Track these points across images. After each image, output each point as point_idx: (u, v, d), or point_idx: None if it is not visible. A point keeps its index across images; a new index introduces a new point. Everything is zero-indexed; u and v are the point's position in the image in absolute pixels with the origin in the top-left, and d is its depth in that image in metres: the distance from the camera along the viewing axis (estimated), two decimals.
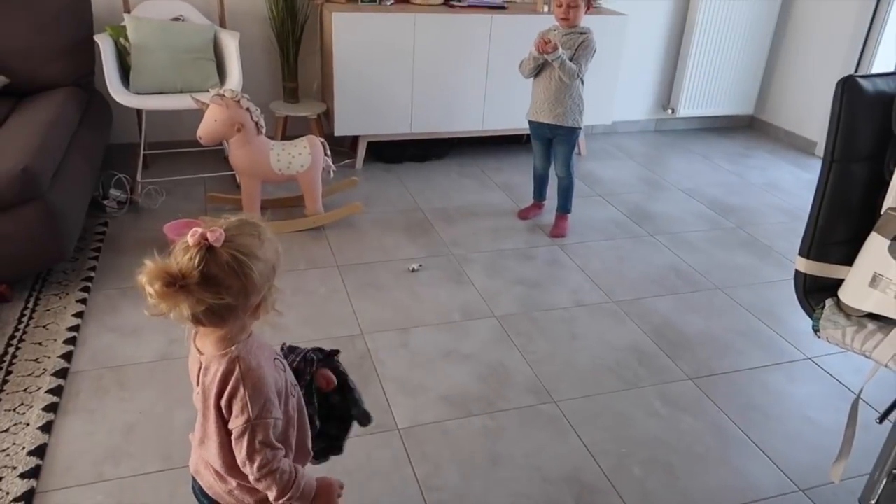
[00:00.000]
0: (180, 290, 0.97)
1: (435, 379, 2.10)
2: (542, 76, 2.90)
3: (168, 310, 0.98)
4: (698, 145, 4.36)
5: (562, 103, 2.88)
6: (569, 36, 2.83)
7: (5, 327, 2.18)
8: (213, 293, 0.99)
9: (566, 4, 2.78)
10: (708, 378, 2.18)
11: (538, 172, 3.18)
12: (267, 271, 1.05)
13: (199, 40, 3.13)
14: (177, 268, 0.97)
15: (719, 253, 3.00)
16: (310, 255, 2.77)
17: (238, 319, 1.06)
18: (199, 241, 0.99)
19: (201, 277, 0.98)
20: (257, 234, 1.05)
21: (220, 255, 0.99)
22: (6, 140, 2.41)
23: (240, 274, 1.00)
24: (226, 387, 1.07)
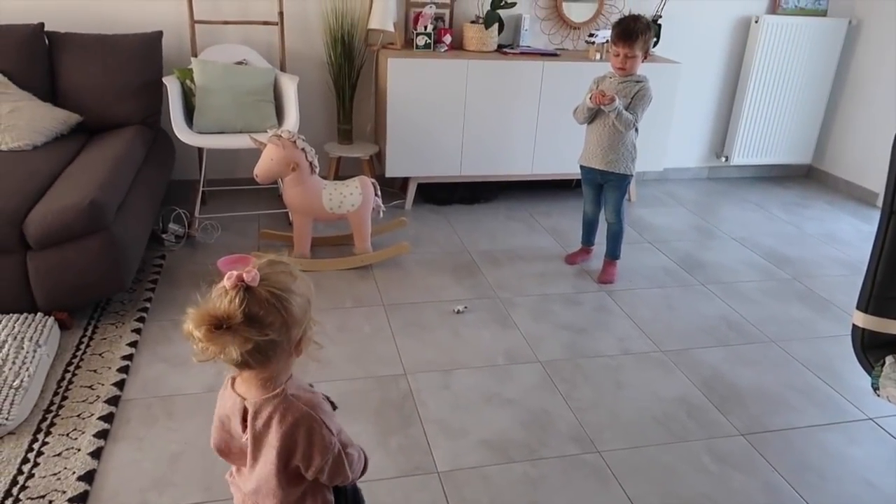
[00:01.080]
0: (227, 331, 1.00)
1: (477, 422, 2.08)
2: (596, 123, 2.89)
3: (217, 352, 1.01)
4: (753, 194, 4.28)
5: (615, 150, 2.86)
6: (625, 84, 2.81)
7: (64, 354, 2.26)
8: (258, 330, 1.01)
9: (623, 55, 2.74)
10: (761, 435, 2.10)
11: (588, 217, 3.16)
12: (304, 304, 1.08)
13: (260, 83, 3.26)
14: (221, 311, 1.00)
15: (774, 305, 2.91)
16: (356, 294, 2.80)
17: (282, 356, 1.08)
18: (236, 283, 1.02)
19: (245, 317, 1.01)
20: (288, 272, 1.09)
21: (258, 293, 1.02)
22: (77, 174, 2.54)
23: (280, 309, 1.03)
24: (297, 428, 1.09)
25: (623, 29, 2.72)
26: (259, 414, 1.10)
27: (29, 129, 2.83)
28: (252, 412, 1.11)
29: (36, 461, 1.79)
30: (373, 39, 3.65)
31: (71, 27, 3.20)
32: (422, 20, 3.54)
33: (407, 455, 1.92)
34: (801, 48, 4.13)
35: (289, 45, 3.55)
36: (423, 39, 3.54)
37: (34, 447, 1.84)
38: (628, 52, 2.72)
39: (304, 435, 1.09)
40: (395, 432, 2.01)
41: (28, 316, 2.28)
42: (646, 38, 2.73)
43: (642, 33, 2.70)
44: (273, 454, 1.10)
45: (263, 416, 1.10)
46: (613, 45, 2.76)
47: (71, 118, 3.04)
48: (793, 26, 4.07)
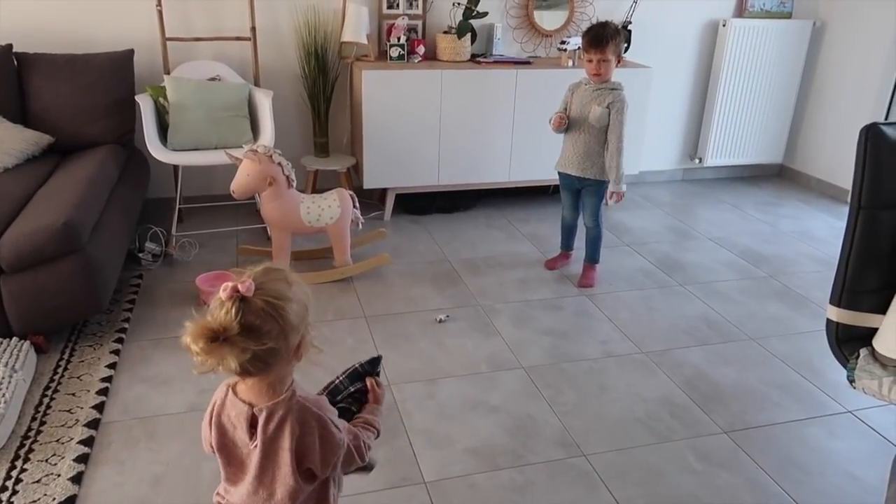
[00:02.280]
0: (224, 343, 1.00)
1: (462, 431, 2.07)
2: (573, 130, 2.91)
3: (216, 364, 1.01)
4: (727, 194, 4.34)
5: (590, 158, 2.89)
6: (599, 91, 2.83)
7: (41, 378, 2.22)
8: (255, 340, 1.02)
9: (597, 60, 2.76)
10: (744, 432, 2.12)
11: (566, 223, 3.18)
12: (301, 311, 1.08)
13: (234, 98, 3.25)
14: (217, 323, 1.00)
15: (752, 303, 2.95)
16: (338, 306, 2.79)
17: (282, 362, 1.09)
18: (231, 294, 1.02)
19: (241, 328, 1.01)
20: (284, 278, 1.09)
21: (253, 303, 1.02)
22: (49, 196, 2.50)
23: (276, 317, 1.04)
24: (310, 429, 1.10)
25: (593, 35, 2.75)
26: (272, 417, 1.10)
27: None
28: (264, 417, 1.10)
29: (14, 489, 1.76)
30: (346, 52, 3.65)
31: (40, 48, 3.17)
32: (395, 32, 3.56)
33: (394, 466, 1.91)
34: (769, 50, 4.21)
35: (262, 60, 3.54)
36: (397, 51, 3.55)
37: (12, 474, 1.80)
38: (601, 56, 2.75)
39: (317, 435, 1.11)
40: (381, 444, 2.00)
41: (3, 341, 2.24)
42: (616, 42, 2.76)
43: (612, 38, 2.73)
44: (288, 456, 1.10)
45: (276, 420, 1.10)
46: (585, 53, 2.79)
47: (42, 139, 3.00)
48: (759, 29, 4.15)
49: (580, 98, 2.86)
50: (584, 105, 2.84)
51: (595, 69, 2.78)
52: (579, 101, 2.87)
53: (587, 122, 2.83)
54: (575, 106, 2.89)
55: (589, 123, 2.83)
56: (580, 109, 2.86)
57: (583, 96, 2.85)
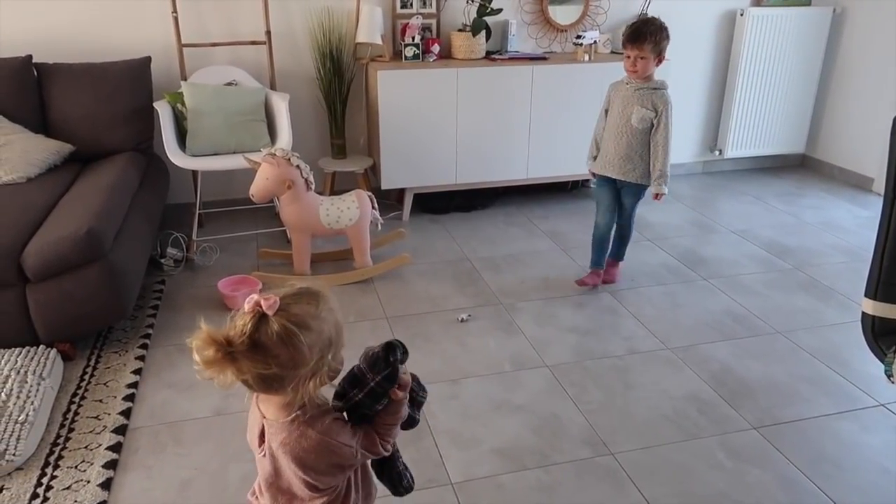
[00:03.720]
0: (226, 357, 0.98)
1: (487, 431, 2.06)
2: (613, 133, 2.78)
3: (213, 376, 0.99)
4: (749, 186, 4.28)
5: (632, 160, 2.76)
6: (642, 91, 2.70)
7: (68, 385, 2.24)
8: (260, 362, 0.99)
9: (634, 56, 2.65)
10: (773, 427, 2.09)
11: (600, 231, 2.93)
12: (319, 344, 1.04)
13: (250, 103, 3.26)
14: (224, 335, 0.98)
15: (778, 296, 2.91)
16: (359, 308, 2.79)
17: (287, 390, 1.05)
18: (253, 308, 1.00)
19: (249, 345, 0.99)
20: (315, 304, 1.05)
21: (270, 323, 1.00)
22: (72, 204, 2.53)
23: (288, 344, 1.00)
24: (311, 454, 1.07)
25: (633, 30, 2.65)
26: (274, 437, 1.10)
27: (22, 161, 2.82)
28: (269, 432, 1.11)
29: (45, 496, 1.77)
30: (361, 53, 3.65)
31: (59, 58, 3.20)
32: (409, 31, 3.55)
33: (420, 468, 1.90)
34: (788, 38, 4.15)
35: (278, 64, 3.55)
36: (412, 50, 3.54)
37: (43, 481, 1.82)
38: (638, 52, 2.63)
39: (323, 456, 1.08)
40: (406, 446, 1.99)
41: (30, 349, 2.27)
42: (657, 40, 2.62)
43: (652, 35, 2.61)
44: (293, 468, 1.10)
45: (277, 441, 1.09)
46: (624, 48, 2.69)
47: (63, 148, 3.03)
48: (778, 17, 4.09)
49: (622, 98, 2.75)
50: (626, 106, 2.73)
51: (631, 66, 2.67)
52: (621, 101, 2.75)
53: (629, 123, 2.72)
54: (616, 106, 2.77)
55: (631, 125, 2.72)
56: (621, 110, 2.74)
57: (624, 96, 2.74)
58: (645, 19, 2.70)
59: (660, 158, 2.72)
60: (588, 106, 3.69)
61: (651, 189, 2.79)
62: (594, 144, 2.91)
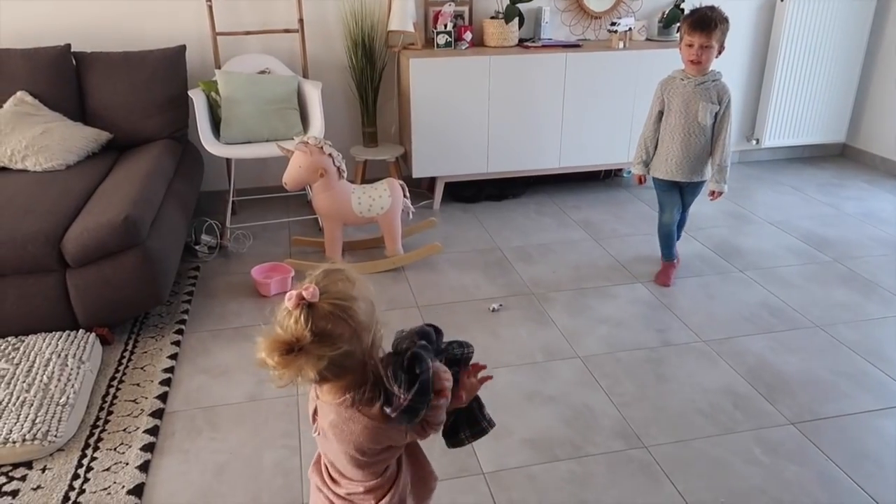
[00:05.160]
0: (300, 353, 0.98)
1: (519, 421, 2.05)
2: (677, 135, 2.66)
3: (294, 376, 1.00)
4: (787, 176, 4.19)
5: (701, 159, 2.69)
6: (704, 86, 2.57)
7: (107, 369, 2.29)
8: (329, 346, 1.00)
9: (699, 45, 2.49)
10: (812, 423, 2.04)
11: (667, 228, 2.88)
12: (369, 308, 1.06)
13: (283, 91, 3.27)
14: (289, 334, 0.99)
15: (816, 289, 2.84)
16: (390, 296, 2.80)
17: (357, 365, 1.06)
18: (297, 302, 1.00)
19: (314, 335, 0.99)
20: (346, 278, 1.07)
21: (321, 308, 1.00)
22: (110, 191, 2.57)
23: (346, 319, 1.02)
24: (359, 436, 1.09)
25: (699, 17, 2.51)
26: (325, 417, 1.12)
27: (61, 149, 2.88)
28: (320, 413, 1.14)
29: (86, 476, 1.81)
30: (393, 41, 3.64)
31: (96, 46, 3.25)
32: (441, 19, 3.53)
33: (451, 457, 1.90)
34: (830, 24, 4.03)
35: (310, 52, 3.56)
36: (444, 38, 3.52)
37: (83, 462, 1.86)
38: (705, 41, 2.48)
39: (371, 437, 1.09)
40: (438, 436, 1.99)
41: (70, 333, 2.31)
42: (723, 30, 2.52)
43: (720, 23, 2.50)
44: (343, 449, 1.12)
45: (327, 421, 1.11)
46: (687, 36, 2.53)
47: (101, 136, 3.08)
48: (820, 2, 3.97)
49: (683, 96, 2.62)
50: (690, 104, 2.61)
51: (696, 55, 2.52)
52: (682, 99, 2.63)
53: (696, 122, 2.60)
54: (678, 105, 2.64)
55: (699, 124, 2.61)
56: (685, 109, 2.62)
57: (686, 94, 2.61)
58: (710, 6, 2.56)
59: (721, 152, 2.64)
60: (622, 94, 3.64)
61: (709, 186, 2.71)
62: (644, 149, 2.79)
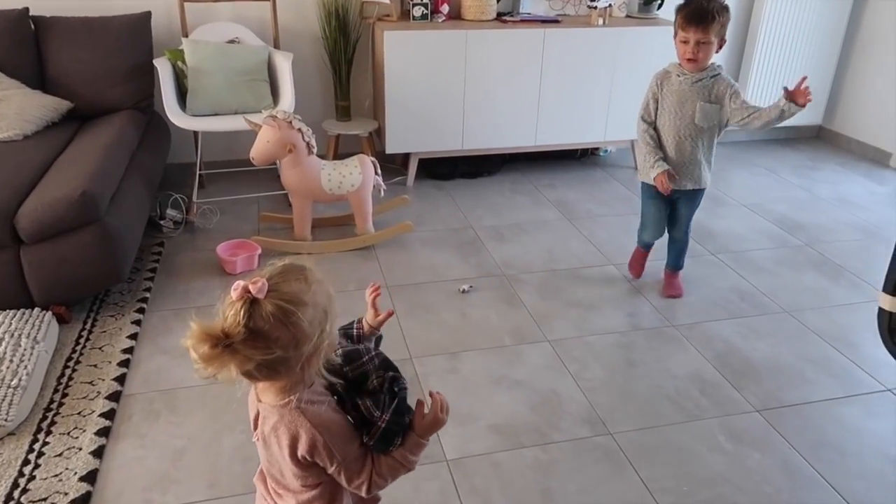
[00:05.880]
0: (226, 350, 0.92)
1: (485, 407, 2.03)
2: (672, 133, 2.37)
3: (215, 372, 0.94)
4: (762, 158, 4.18)
5: (698, 166, 2.40)
6: (700, 83, 2.30)
7: (63, 349, 2.22)
8: (262, 349, 0.94)
9: (695, 41, 2.22)
10: (777, 410, 2.05)
11: (644, 243, 2.66)
12: (318, 317, 0.99)
13: (253, 62, 3.17)
14: (221, 327, 0.93)
15: (787, 273, 2.84)
16: (360, 276, 2.75)
17: (291, 371, 1.01)
18: (242, 295, 0.94)
19: (248, 333, 0.93)
20: (303, 279, 1.00)
21: (264, 306, 0.94)
22: (68, 164, 2.48)
23: (287, 324, 0.95)
24: (298, 441, 1.03)
25: (695, 9, 2.21)
26: (266, 421, 1.07)
27: (18, 118, 2.76)
28: (261, 417, 1.08)
29: (37, 462, 1.76)
30: (368, 12, 3.54)
31: (56, 10, 3.11)
32: None
33: None
34: (810, 5, 3.99)
35: (282, 21, 3.45)
36: (420, 10, 3.43)
37: (35, 447, 1.81)
38: (702, 37, 2.21)
39: (308, 447, 1.03)
40: None
41: (25, 312, 2.24)
42: (723, 22, 2.22)
43: (719, 14, 2.20)
44: (286, 455, 1.05)
45: (269, 424, 1.06)
46: (682, 31, 2.25)
47: (61, 105, 2.97)
48: None
49: (677, 95, 2.34)
50: (685, 103, 2.33)
51: (692, 53, 2.24)
52: (676, 99, 2.34)
53: (692, 124, 2.33)
54: (671, 105, 2.35)
55: (695, 125, 2.33)
56: (679, 108, 2.34)
57: (680, 93, 2.33)
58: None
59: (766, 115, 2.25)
60: (601, 72, 3.59)
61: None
62: (652, 147, 2.42)
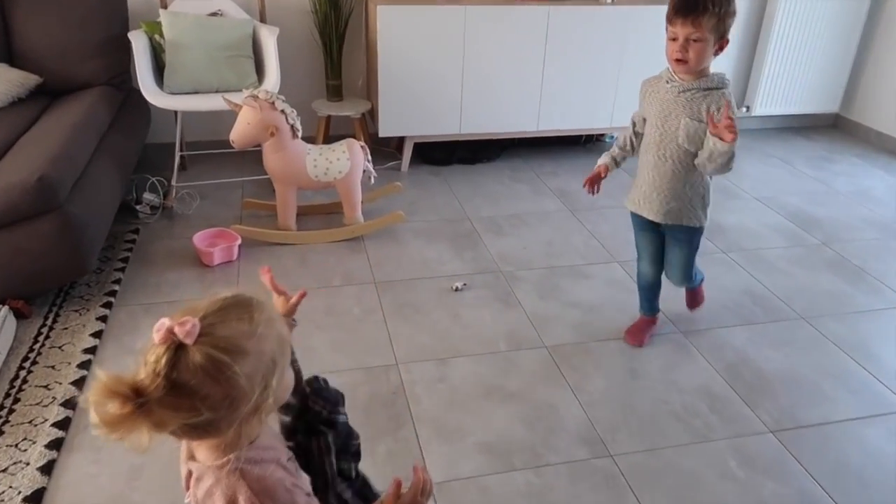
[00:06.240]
0: (138, 410, 0.73)
1: (475, 421, 1.86)
2: (649, 156, 1.95)
3: (121, 437, 0.75)
4: (776, 148, 3.97)
5: (677, 197, 1.94)
6: (691, 95, 1.81)
7: (20, 347, 2.05)
8: (184, 410, 0.75)
9: (684, 37, 1.73)
10: (793, 431, 1.88)
11: (645, 280, 2.19)
12: (261, 368, 0.81)
13: (236, 36, 2.96)
14: (130, 382, 0.74)
15: (802, 274, 2.66)
16: (346, 270, 2.57)
17: (223, 433, 0.83)
18: (165, 338, 0.75)
19: (167, 388, 0.74)
20: (248, 319, 0.81)
21: (191, 356, 0.75)
22: (29, 145, 2.29)
23: (219, 379, 0.76)
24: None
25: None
26: (200, 482, 0.87)
27: None
28: (193, 478, 0.89)
29: None
30: None
31: None
32: None
33: (397, 463, 1.71)
34: None
35: None
36: None
37: None
38: (693, 32, 1.72)
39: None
40: (384, 435, 1.80)
41: None
42: (721, 13, 1.72)
43: (714, 5, 1.71)
44: None
45: (203, 488, 0.87)
46: (669, 24, 1.78)
47: (29, 80, 2.77)
48: None
49: (661, 105, 1.88)
50: (668, 116, 1.87)
51: (679, 51, 1.76)
52: (660, 109, 1.89)
53: (674, 143, 1.88)
54: (654, 117, 1.91)
55: (677, 145, 1.88)
56: (662, 122, 1.89)
57: (664, 103, 1.87)
58: None
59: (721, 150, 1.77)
60: (608, 54, 3.37)
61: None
62: (624, 139, 2.09)
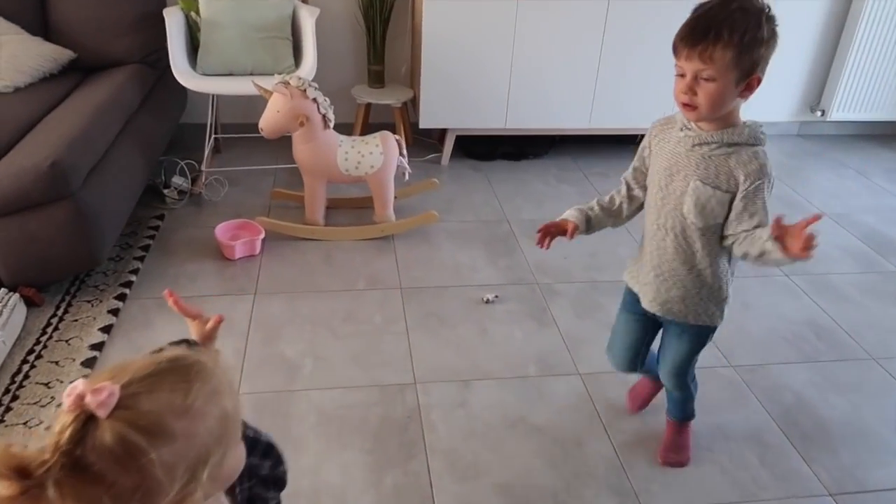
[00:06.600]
0: (28, 495, 0.58)
1: (494, 458, 1.70)
2: (651, 221, 1.47)
3: None
4: (852, 157, 3.64)
5: (680, 283, 1.45)
6: (710, 149, 1.33)
7: (27, 339, 1.97)
8: (85, 497, 0.59)
9: (692, 73, 1.26)
10: (855, 496, 1.65)
11: (620, 369, 1.73)
12: (188, 456, 0.64)
13: (274, 17, 2.82)
14: (20, 461, 0.58)
15: (875, 306, 2.39)
16: (372, 272, 2.42)
17: None
18: (75, 405, 0.60)
19: (69, 467, 0.59)
20: (183, 389, 0.65)
21: (101, 432, 0.60)
22: (50, 125, 2.20)
23: (128, 467, 0.60)
24: None
25: (697, 19, 1.26)
26: None
27: (10, 67, 2.50)
28: None
29: None
30: None
31: None
32: None
33: (402, 499, 1.57)
34: None
35: None
36: None
37: None
38: (700, 69, 1.24)
39: None
40: (392, 466, 1.65)
41: None
42: (741, 43, 1.22)
43: (734, 31, 1.21)
44: None
45: None
46: (675, 56, 1.30)
47: (62, 55, 2.69)
48: None
49: (669, 158, 1.39)
50: (675, 174, 1.38)
51: (685, 92, 1.27)
52: (667, 163, 1.39)
53: (678, 211, 1.39)
54: (657, 173, 1.42)
55: (681, 215, 1.39)
56: (666, 182, 1.40)
57: (674, 156, 1.38)
58: (723, 1, 1.24)
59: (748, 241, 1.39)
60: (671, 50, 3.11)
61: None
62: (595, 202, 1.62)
